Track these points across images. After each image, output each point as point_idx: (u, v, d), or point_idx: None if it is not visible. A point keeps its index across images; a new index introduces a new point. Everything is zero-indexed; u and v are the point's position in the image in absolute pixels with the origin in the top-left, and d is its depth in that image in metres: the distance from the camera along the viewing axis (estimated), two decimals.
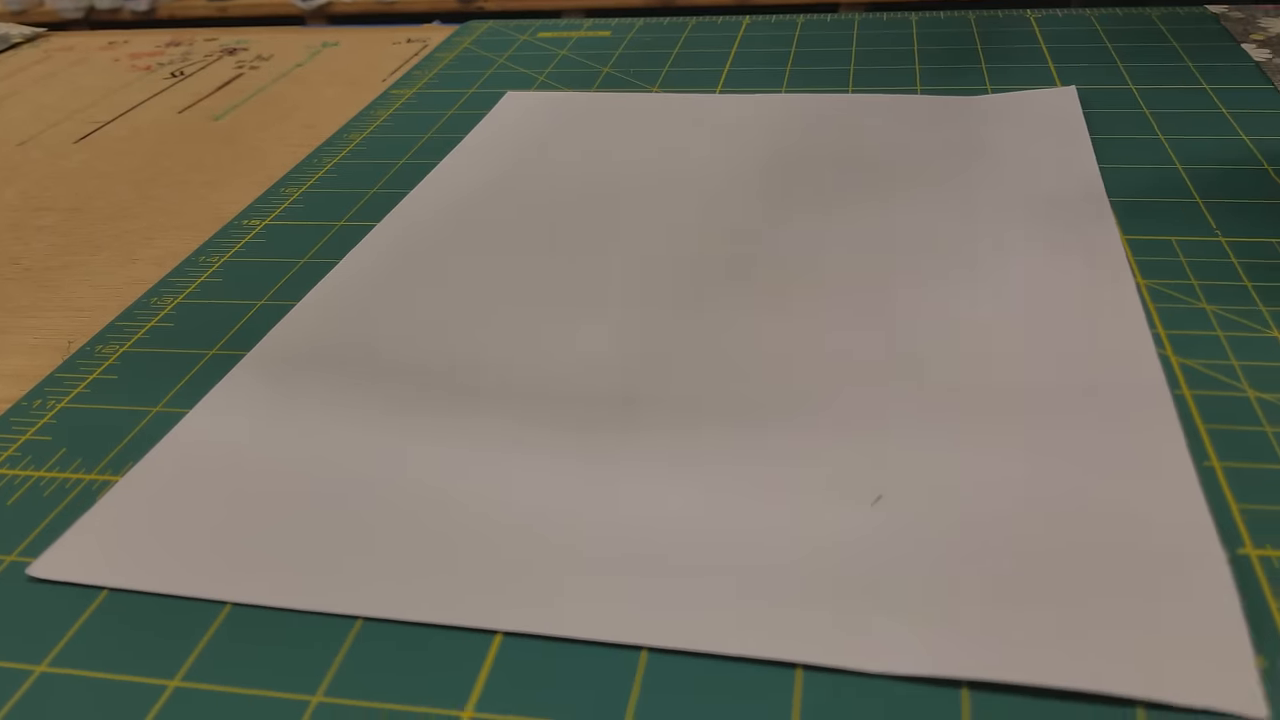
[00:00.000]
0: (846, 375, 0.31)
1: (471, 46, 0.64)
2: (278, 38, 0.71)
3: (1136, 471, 0.27)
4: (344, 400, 0.32)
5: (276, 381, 0.33)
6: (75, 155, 0.53)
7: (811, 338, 0.33)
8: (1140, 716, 0.22)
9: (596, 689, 0.23)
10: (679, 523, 0.26)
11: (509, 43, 0.64)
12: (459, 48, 0.64)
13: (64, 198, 0.48)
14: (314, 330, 0.36)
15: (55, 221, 0.46)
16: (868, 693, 0.22)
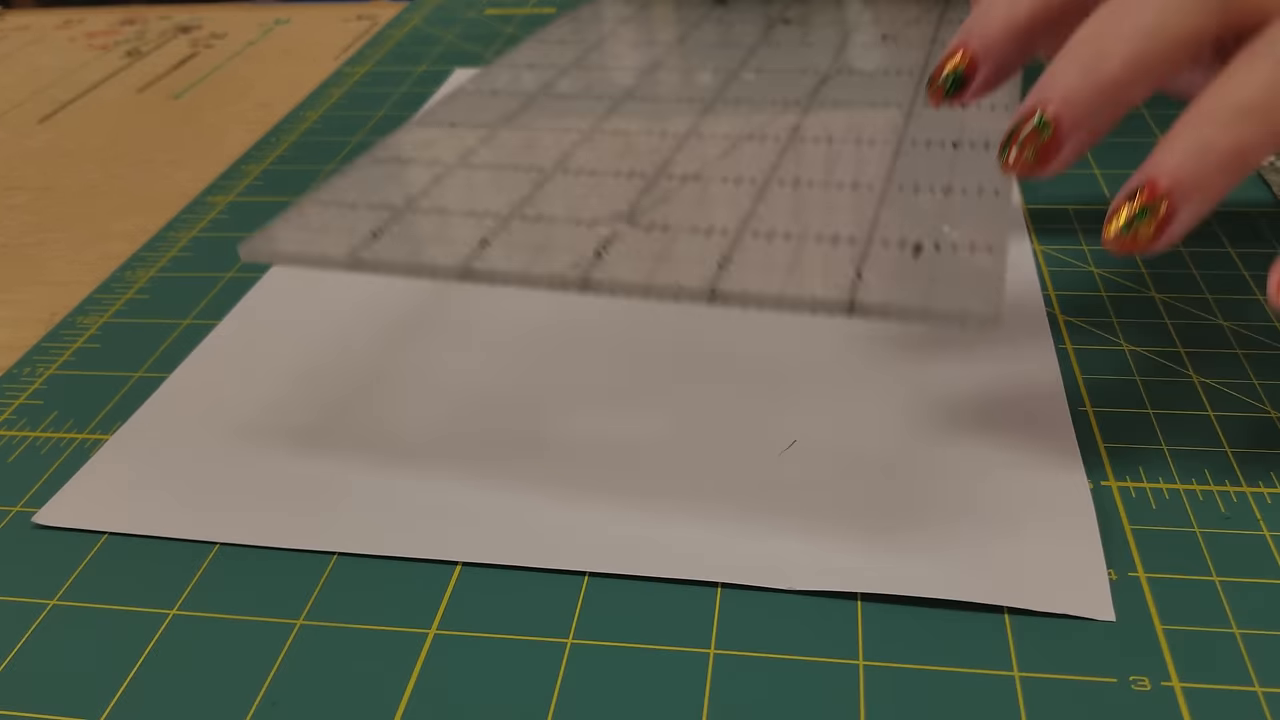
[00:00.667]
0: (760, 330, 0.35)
1: (420, 24, 0.67)
2: (230, 15, 0.73)
3: (1018, 413, 0.31)
4: (313, 361, 0.35)
5: (249, 345, 0.36)
6: (40, 135, 0.55)
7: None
8: (1007, 620, 0.25)
9: (546, 608, 0.26)
10: (622, 458, 0.30)
11: (457, 19, 0.67)
12: (408, 25, 0.67)
13: (33, 177, 0.51)
14: (280, 300, 0.39)
15: (27, 200, 0.49)
16: (779, 606, 0.26)
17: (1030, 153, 0.26)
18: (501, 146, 0.35)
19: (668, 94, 0.39)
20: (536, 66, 0.42)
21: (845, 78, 0.39)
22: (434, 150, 0.35)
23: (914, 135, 0.33)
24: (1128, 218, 0.25)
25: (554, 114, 0.37)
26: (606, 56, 0.44)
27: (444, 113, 0.38)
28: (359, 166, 0.34)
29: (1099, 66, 0.26)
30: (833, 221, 0.28)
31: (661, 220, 0.29)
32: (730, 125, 0.35)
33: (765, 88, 0.38)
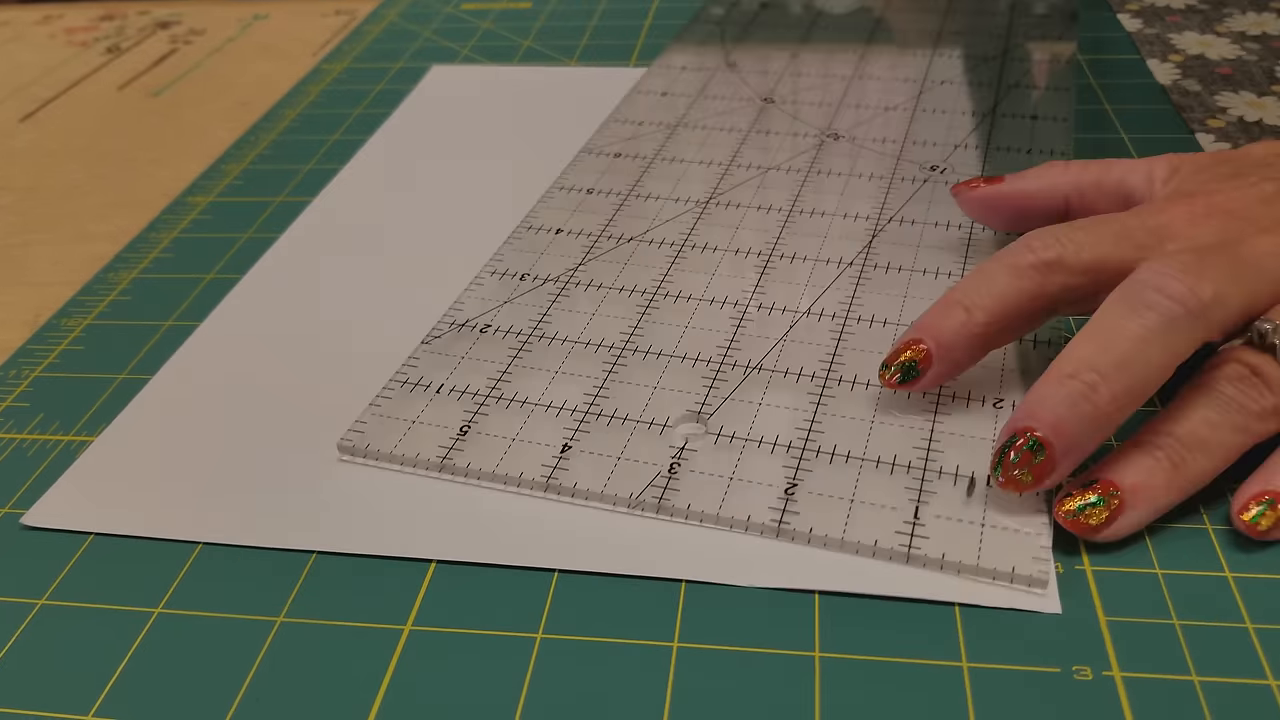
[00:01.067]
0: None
1: (397, 20, 0.67)
2: (209, 10, 0.74)
3: (965, 406, 0.32)
4: (295, 362, 0.36)
5: (232, 346, 0.37)
6: (23, 134, 0.56)
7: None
8: (958, 613, 0.27)
9: (517, 604, 0.27)
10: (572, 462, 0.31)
11: (433, 15, 0.68)
12: (385, 20, 0.67)
13: (18, 177, 0.52)
14: (261, 301, 0.40)
15: (12, 201, 0.49)
16: (740, 601, 0.27)
17: (1026, 474, 0.28)
18: (571, 311, 0.37)
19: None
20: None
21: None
22: (509, 316, 0.37)
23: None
24: (1081, 503, 0.28)
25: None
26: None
27: (514, 259, 0.40)
28: (442, 338, 0.36)
29: (1089, 399, 0.28)
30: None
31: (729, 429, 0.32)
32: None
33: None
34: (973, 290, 0.31)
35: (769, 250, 0.39)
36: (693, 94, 0.52)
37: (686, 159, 0.46)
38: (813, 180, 0.44)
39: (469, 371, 0.34)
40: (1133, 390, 0.28)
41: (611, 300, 0.37)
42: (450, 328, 0.36)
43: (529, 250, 0.40)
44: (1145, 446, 0.28)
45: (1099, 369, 0.27)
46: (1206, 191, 0.32)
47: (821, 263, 0.38)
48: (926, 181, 0.43)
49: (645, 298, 0.37)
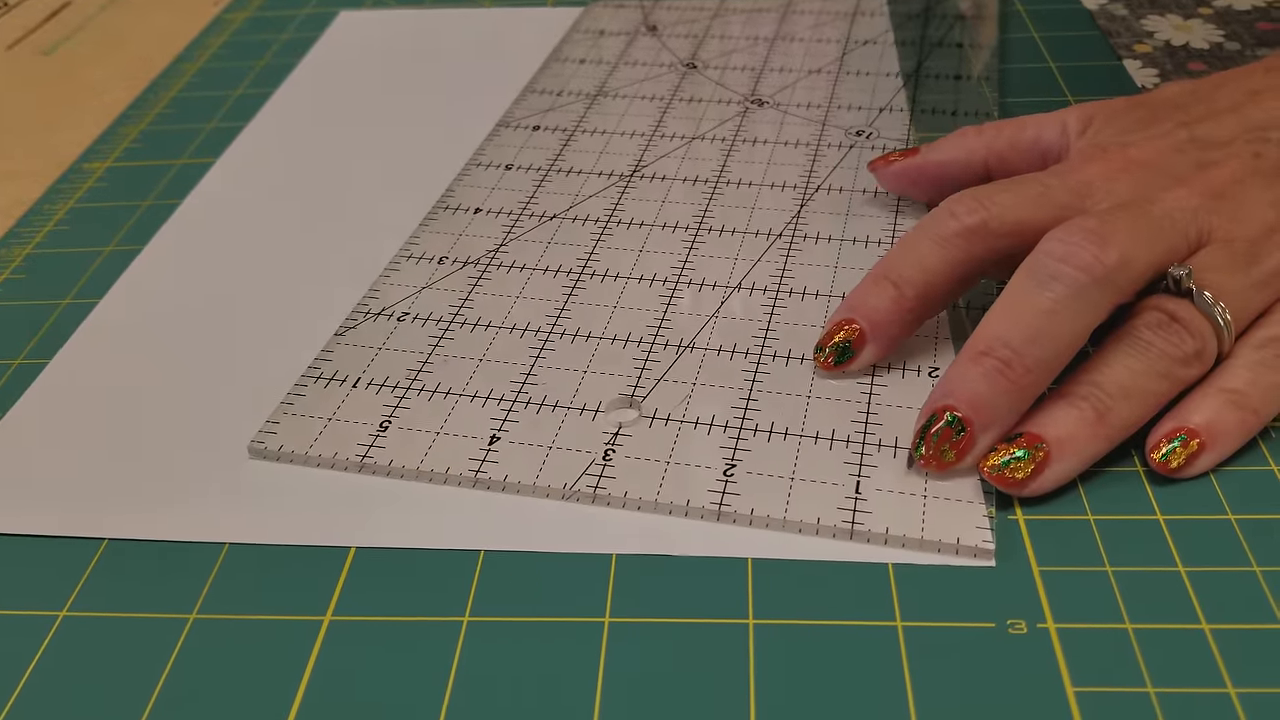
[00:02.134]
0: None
1: None
2: None
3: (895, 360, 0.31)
4: (199, 342, 0.34)
5: (133, 325, 0.35)
6: None
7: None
8: (891, 571, 0.26)
9: (442, 588, 0.27)
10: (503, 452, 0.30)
11: None
12: None
13: None
14: (163, 278, 0.38)
15: None
16: (673, 571, 0.27)
17: (948, 452, 0.28)
18: (494, 295, 0.35)
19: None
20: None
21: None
22: (428, 303, 0.35)
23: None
24: (1006, 458, 0.28)
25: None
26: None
27: (430, 243, 0.37)
28: (357, 328, 0.34)
29: (1004, 374, 0.27)
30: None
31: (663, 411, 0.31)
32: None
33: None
34: (900, 263, 0.31)
35: (696, 224, 0.38)
36: (612, 60, 0.50)
37: (608, 130, 0.44)
38: (739, 149, 0.42)
39: (387, 363, 0.33)
40: (1047, 361, 0.27)
41: (536, 282, 0.36)
42: (365, 317, 0.35)
43: (447, 232, 0.38)
44: (1069, 397, 0.28)
45: (1011, 344, 0.27)
46: (1121, 144, 0.32)
47: (750, 235, 0.37)
48: (853, 148, 0.42)
49: (571, 278, 0.36)
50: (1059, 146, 0.34)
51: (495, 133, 0.44)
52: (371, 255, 0.38)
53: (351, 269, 0.37)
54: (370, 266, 0.37)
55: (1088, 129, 0.34)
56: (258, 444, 0.30)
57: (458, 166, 0.42)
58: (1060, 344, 0.27)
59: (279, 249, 0.39)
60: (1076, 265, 0.27)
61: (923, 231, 0.31)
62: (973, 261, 0.30)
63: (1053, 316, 0.27)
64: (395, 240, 0.38)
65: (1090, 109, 0.34)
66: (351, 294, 0.36)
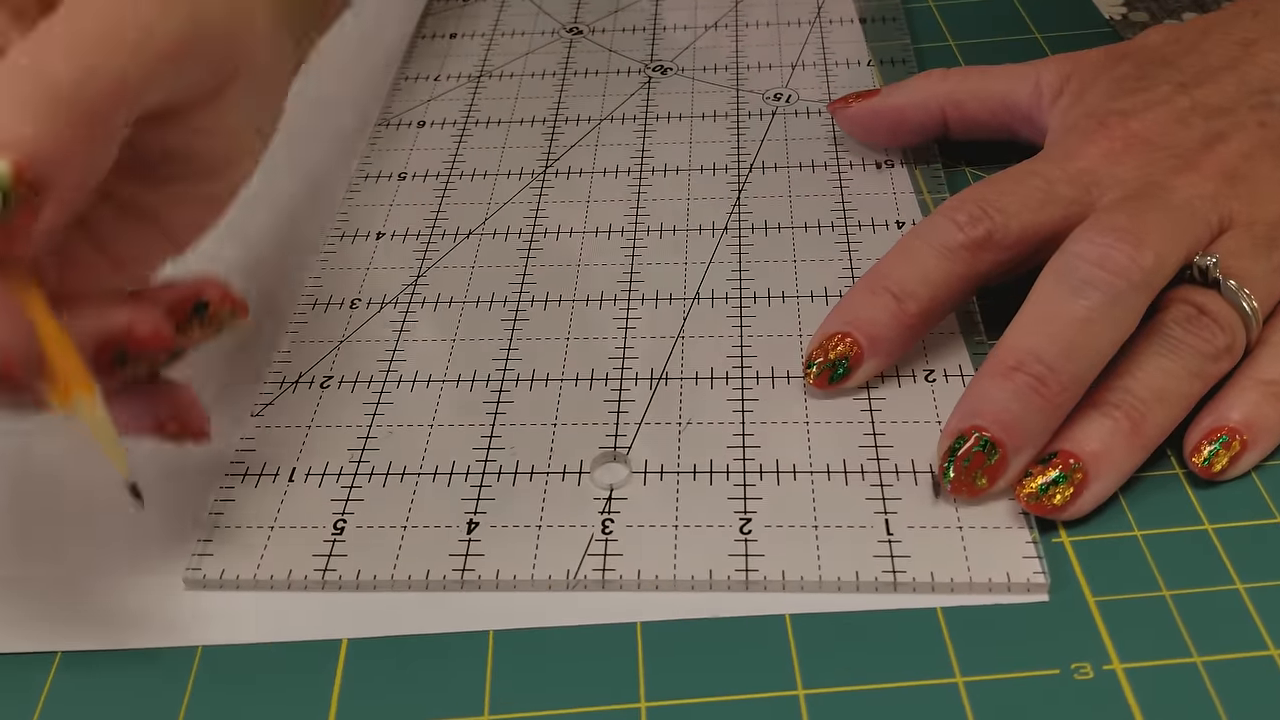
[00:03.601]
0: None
1: None
2: None
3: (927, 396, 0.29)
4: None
5: None
6: None
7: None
8: (942, 620, 0.24)
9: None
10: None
11: None
12: None
13: None
14: None
15: None
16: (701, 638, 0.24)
17: (980, 478, 0.25)
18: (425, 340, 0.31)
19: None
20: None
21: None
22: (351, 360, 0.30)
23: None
24: (1043, 483, 0.25)
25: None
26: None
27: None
28: (275, 404, 0.29)
29: (1038, 392, 0.25)
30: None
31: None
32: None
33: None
34: (900, 275, 0.28)
35: (631, 226, 0.34)
36: (487, 32, 0.45)
37: (504, 119, 0.40)
38: (654, 129, 0.38)
39: (322, 444, 0.28)
40: (1082, 376, 0.25)
41: (470, 318, 0.32)
42: (281, 388, 0.30)
43: (350, 266, 0.34)
44: (1101, 407, 0.26)
45: (1045, 359, 0.25)
46: (1120, 114, 0.29)
47: (694, 232, 0.34)
48: (775, 115, 0.39)
49: (509, 308, 0.32)
50: (1029, 106, 0.32)
51: (376, 134, 0.39)
52: (264, 303, 0.33)
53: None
54: (266, 320, 0.32)
55: (1065, 88, 0.31)
56: (194, 573, 0.26)
57: (340, 180, 0.37)
58: (1096, 356, 0.25)
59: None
60: (1112, 270, 0.25)
61: (924, 240, 0.28)
62: (977, 275, 0.28)
63: (1089, 327, 0.25)
64: (288, 284, 0.33)
65: (1065, 64, 0.32)
66: (248, 361, 0.31)
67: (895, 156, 0.36)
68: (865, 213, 0.34)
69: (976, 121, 0.33)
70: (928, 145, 0.36)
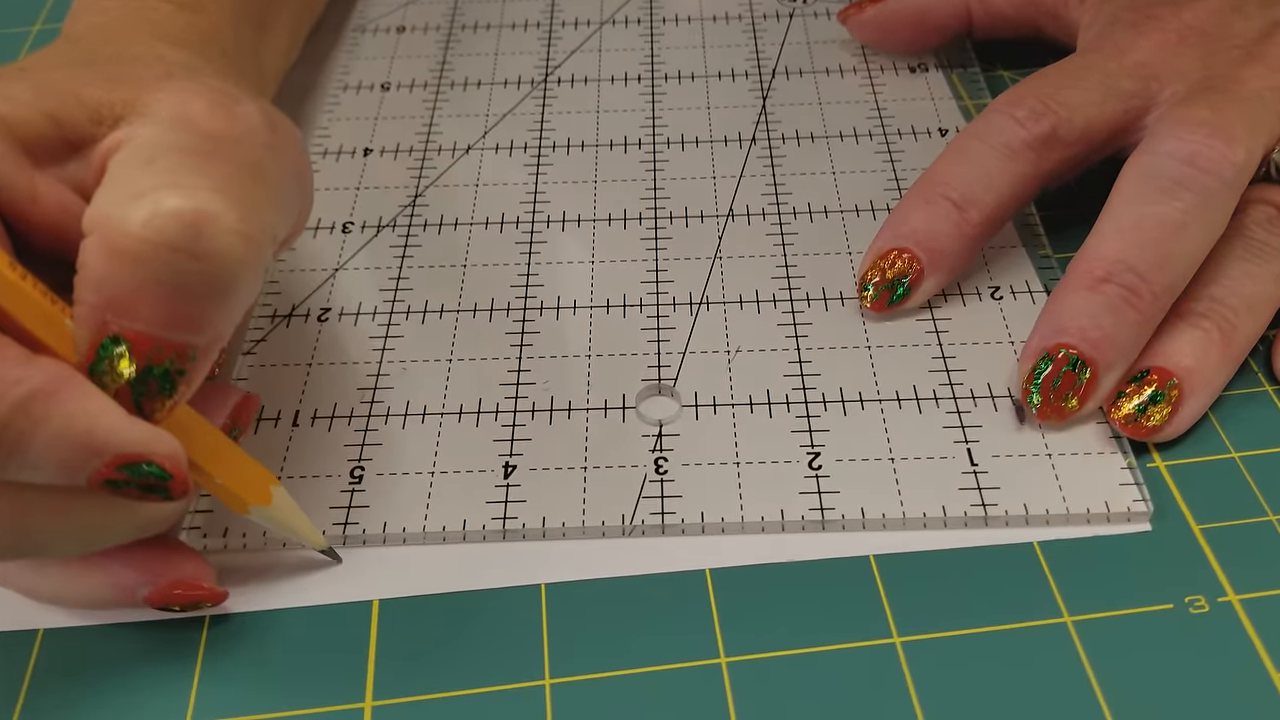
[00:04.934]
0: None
1: None
2: None
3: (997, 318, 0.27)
4: None
5: None
6: None
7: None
8: (1041, 556, 0.22)
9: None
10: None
11: None
12: None
13: None
14: None
15: None
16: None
17: (1070, 399, 0.23)
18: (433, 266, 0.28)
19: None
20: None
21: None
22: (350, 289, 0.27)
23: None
24: (1139, 403, 0.23)
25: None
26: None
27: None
28: (268, 340, 0.26)
29: (1131, 304, 0.23)
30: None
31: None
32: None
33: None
34: (960, 181, 0.25)
35: (649, 138, 0.31)
36: None
37: (493, 23, 0.36)
38: (663, 33, 0.35)
39: (328, 383, 0.25)
40: (1175, 285, 0.23)
41: (481, 240, 0.29)
42: (273, 322, 0.27)
43: (339, 187, 0.30)
44: (1189, 319, 0.24)
45: (1137, 268, 0.23)
46: (1170, 4, 0.27)
47: (719, 144, 0.31)
48: (794, 16, 0.36)
49: (523, 229, 0.29)
50: (1055, 1, 0.30)
51: (352, 41, 0.36)
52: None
53: None
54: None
55: None
56: (192, 533, 0.23)
57: (317, 92, 0.34)
58: (1190, 263, 0.23)
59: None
60: (1205, 167, 0.23)
61: (983, 142, 0.26)
62: (1041, 176, 0.26)
63: (1182, 232, 0.23)
64: None
65: None
66: None
67: (928, 60, 0.33)
68: (904, 120, 0.31)
69: (1002, 17, 0.31)
70: (962, 48, 0.33)
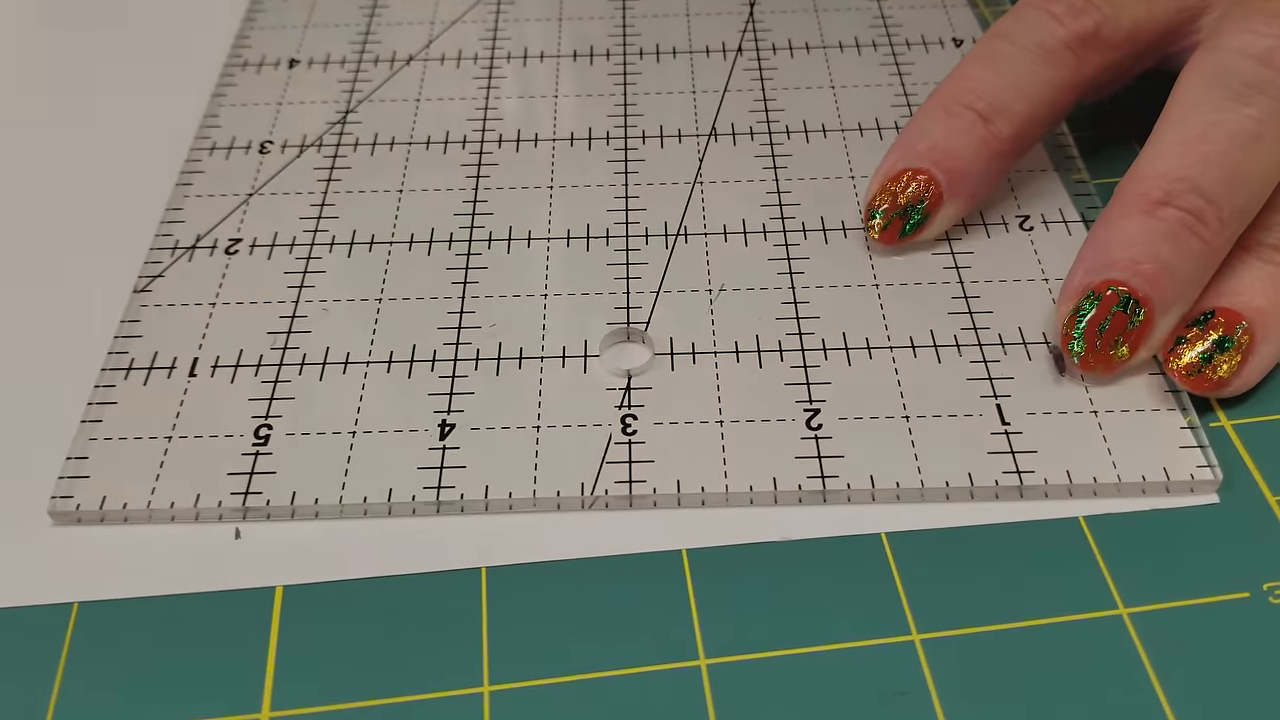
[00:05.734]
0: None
1: None
2: None
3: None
4: None
5: None
6: None
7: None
8: (1089, 535, 0.18)
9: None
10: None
11: None
12: None
13: None
14: None
15: None
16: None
17: (1120, 346, 0.19)
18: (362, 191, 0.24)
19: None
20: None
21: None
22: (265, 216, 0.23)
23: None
24: (1203, 350, 0.19)
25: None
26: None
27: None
28: (165, 276, 0.22)
29: (1195, 232, 0.19)
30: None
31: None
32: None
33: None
34: (987, 88, 0.22)
35: (619, 48, 0.28)
36: None
37: None
38: None
39: (232, 325, 0.21)
40: (1247, 210, 0.20)
41: (421, 161, 0.25)
42: (174, 254, 0.23)
43: (255, 101, 0.27)
44: (1257, 251, 0.20)
45: (1203, 189, 0.19)
46: None
47: (700, 55, 0.27)
48: None
49: (470, 151, 0.25)
50: None
51: None
52: (146, 150, 0.25)
53: (126, 182, 0.25)
54: (149, 170, 0.25)
55: None
56: (63, 502, 0.19)
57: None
58: (1264, 184, 0.20)
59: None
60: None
61: (1013, 41, 0.22)
62: (1081, 84, 0.22)
63: (1256, 145, 0.19)
64: (176, 125, 0.26)
65: None
66: (126, 220, 0.24)
67: None
68: (912, 29, 0.27)
69: None
70: None
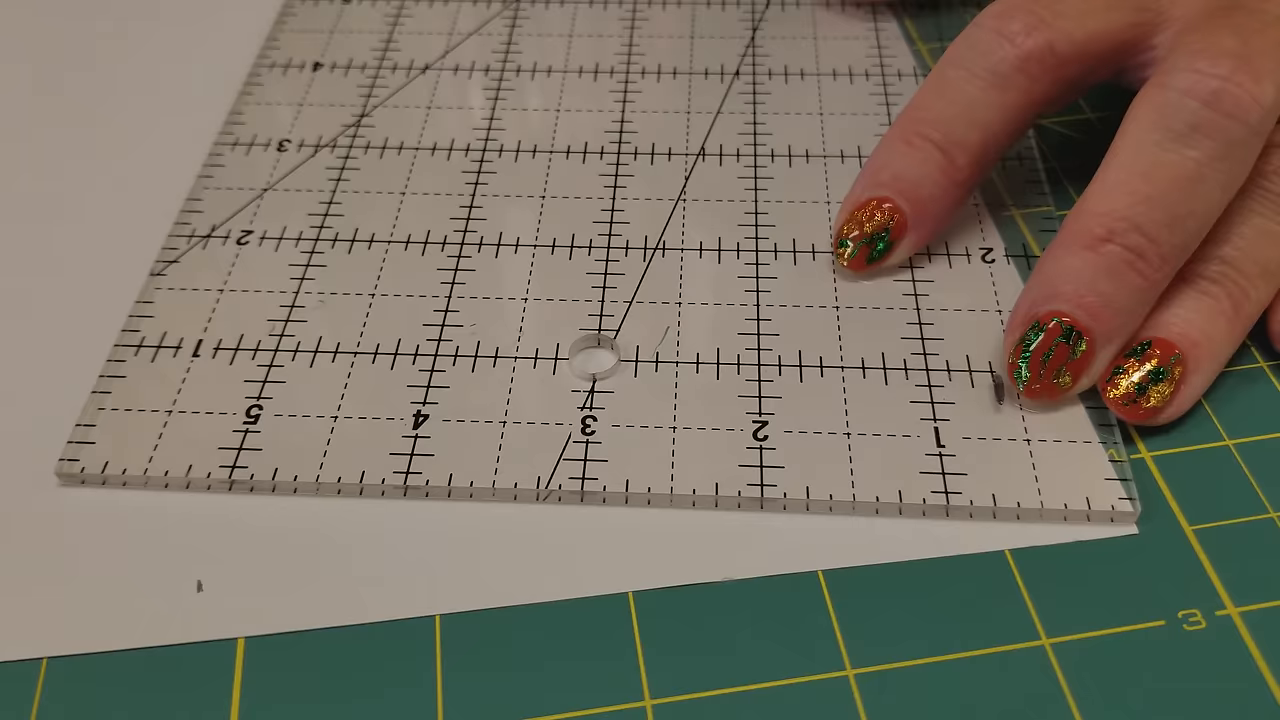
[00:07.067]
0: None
1: None
2: None
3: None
4: None
5: None
6: None
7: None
8: (1013, 566, 0.19)
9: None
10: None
11: None
12: None
13: None
14: None
15: None
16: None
17: (1064, 375, 0.20)
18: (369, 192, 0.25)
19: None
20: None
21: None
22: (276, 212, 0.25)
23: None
24: (1139, 380, 0.20)
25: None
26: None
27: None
28: (181, 262, 0.24)
29: (1135, 268, 0.20)
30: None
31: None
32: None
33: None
34: (942, 117, 0.22)
35: (623, 66, 0.29)
36: None
37: None
38: None
39: (237, 312, 0.23)
40: (1186, 247, 0.20)
41: (426, 166, 0.26)
42: (190, 242, 0.24)
43: (278, 101, 0.28)
44: (1196, 284, 0.21)
45: (1144, 228, 0.20)
46: None
47: (698, 76, 0.28)
48: None
49: (472, 158, 0.26)
50: None
51: None
52: (171, 142, 0.27)
53: (151, 173, 0.26)
54: (172, 160, 0.26)
55: None
56: (69, 464, 0.20)
57: (271, 3, 0.31)
58: (1204, 223, 0.20)
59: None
60: (1228, 110, 0.20)
61: (964, 67, 0.22)
62: (1035, 103, 0.22)
63: (1199, 186, 0.20)
64: (201, 121, 0.27)
65: None
66: (159, 214, 0.25)
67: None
68: (905, 59, 0.28)
69: None
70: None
